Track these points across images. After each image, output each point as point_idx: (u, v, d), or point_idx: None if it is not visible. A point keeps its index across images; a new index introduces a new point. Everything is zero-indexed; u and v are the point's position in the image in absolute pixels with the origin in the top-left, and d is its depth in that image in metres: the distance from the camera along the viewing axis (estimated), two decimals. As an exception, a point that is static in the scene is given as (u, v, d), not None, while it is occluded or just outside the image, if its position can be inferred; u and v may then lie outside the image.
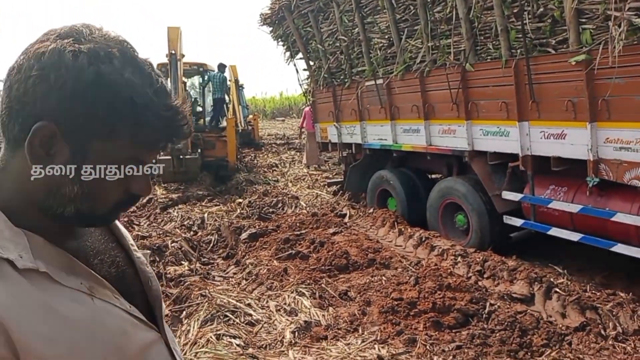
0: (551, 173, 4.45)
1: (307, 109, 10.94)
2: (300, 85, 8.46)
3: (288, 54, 8.26)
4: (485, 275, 4.18)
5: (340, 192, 8.11)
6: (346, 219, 6.37)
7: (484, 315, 3.37)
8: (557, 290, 3.65)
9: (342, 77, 7.23)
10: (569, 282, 3.82)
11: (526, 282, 3.78)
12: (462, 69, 5.03)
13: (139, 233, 6.13)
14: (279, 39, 8.21)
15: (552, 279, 3.80)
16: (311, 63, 7.92)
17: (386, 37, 6.13)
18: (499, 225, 5.03)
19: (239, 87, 18.23)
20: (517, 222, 4.84)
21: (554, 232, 4.42)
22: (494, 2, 4.54)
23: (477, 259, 4.40)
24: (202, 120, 11.80)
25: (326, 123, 7.93)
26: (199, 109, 12.25)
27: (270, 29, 8.28)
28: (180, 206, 7.76)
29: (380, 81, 6.34)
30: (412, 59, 5.79)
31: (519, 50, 4.47)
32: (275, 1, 7.74)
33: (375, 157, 7.09)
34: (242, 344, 3.23)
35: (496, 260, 4.28)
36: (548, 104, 4.29)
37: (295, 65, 8.28)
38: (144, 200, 8.39)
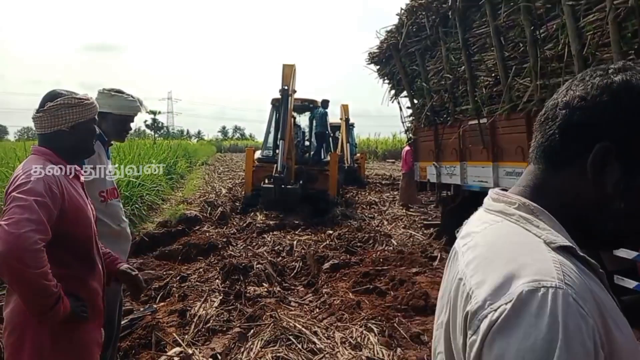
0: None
1: (406, 148, 10.77)
2: (402, 123, 8.40)
3: (393, 92, 8.29)
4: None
5: (436, 234, 7.76)
6: (436, 262, 6.04)
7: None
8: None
9: (445, 115, 7.05)
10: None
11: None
12: (574, 109, 4.61)
13: (232, 252, 6.41)
14: (385, 77, 8.29)
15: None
16: (415, 101, 7.85)
17: (492, 75, 5.88)
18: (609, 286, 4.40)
19: (349, 126, 18.64)
20: (631, 284, 4.20)
21: (676, 299, 3.76)
22: (611, 38, 4.14)
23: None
24: (307, 154, 12.20)
25: (426, 162, 7.73)
26: (307, 143, 12.71)
27: (377, 67, 8.42)
28: (275, 232, 8.00)
29: (483, 120, 6.06)
30: (519, 97, 5.47)
31: (639, 90, 4.00)
32: (384, 40, 7.88)
33: (475, 199, 6.70)
34: (299, 369, 3.16)
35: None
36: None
37: (399, 103, 8.27)
38: (244, 224, 8.82)
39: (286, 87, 9.75)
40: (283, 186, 9.38)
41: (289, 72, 9.92)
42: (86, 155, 2.12)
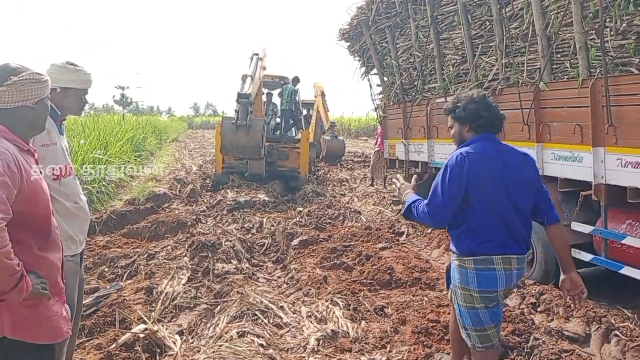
0: (628, 206, 4.00)
1: (380, 128, 10.89)
2: (372, 101, 8.43)
3: (363, 69, 8.29)
4: (539, 309, 3.82)
5: (405, 211, 7.89)
6: (403, 237, 6.17)
7: (526, 350, 3.07)
8: (618, 333, 3.23)
9: (413, 93, 7.10)
10: (635, 327, 3.37)
11: (582, 321, 3.39)
12: (536, 88, 4.71)
13: (201, 230, 6.39)
14: (355, 54, 8.27)
15: (613, 321, 3.38)
16: (385, 79, 7.87)
17: (460, 53, 5.94)
18: (566, 259, 4.59)
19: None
20: (586, 257, 4.39)
21: (627, 271, 3.93)
22: (574, 17, 4.22)
23: (533, 291, 4.04)
24: (278, 131, 12.14)
25: (395, 140, 7.81)
26: (278, 120, 12.63)
27: (348, 44, 8.38)
28: (245, 210, 7.99)
29: (450, 98, 6.13)
30: (485, 76, 5.55)
31: (598, 70, 4.11)
32: (354, 17, 7.82)
33: (442, 177, 6.82)
34: (264, 344, 3.21)
35: (554, 295, 3.90)
36: (627, 128, 3.87)
37: (369, 80, 8.29)
38: (214, 202, 8.77)
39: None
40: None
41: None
42: (39, 131, 2.07)
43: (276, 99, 13.06)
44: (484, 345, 2.38)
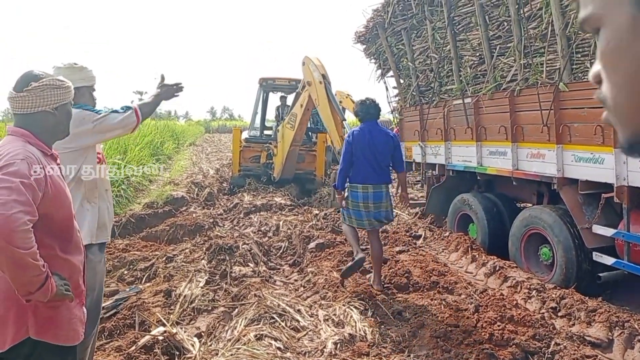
0: (652, 208, 3.91)
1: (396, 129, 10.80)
2: (389, 103, 8.39)
3: (379, 72, 8.26)
4: (559, 314, 3.75)
5: (422, 214, 7.84)
6: (420, 241, 6.12)
7: (547, 355, 3.01)
8: (642, 339, 3.16)
9: (430, 95, 7.05)
10: (659, 334, 3.29)
11: (605, 326, 3.32)
12: (555, 88, 4.64)
13: (218, 233, 6.43)
14: (371, 57, 8.25)
15: (637, 326, 3.30)
16: (401, 81, 7.83)
17: (477, 54, 5.88)
18: (587, 263, 4.50)
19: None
20: (609, 260, 4.29)
21: (651, 275, 3.86)
22: (594, 16, 4.15)
23: (554, 295, 3.97)
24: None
25: (411, 142, 7.75)
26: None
27: (364, 46, 8.36)
28: (262, 213, 8.02)
29: (468, 100, 6.08)
30: (503, 77, 5.48)
31: (619, 69, 4.03)
32: (370, 19, 7.81)
33: (460, 179, 6.77)
34: (282, 347, 3.21)
35: (575, 299, 3.83)
36: (650, 129, 3.79)
37: (385, 83, 8.25)
38: (231, 205, 8.83)
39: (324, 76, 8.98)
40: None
41: (319, 63, 9.21)
42: (62, 136, 2.12)
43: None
44: (350, 224, 4.58)
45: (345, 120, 8.06)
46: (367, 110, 4.58)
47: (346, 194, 4.52)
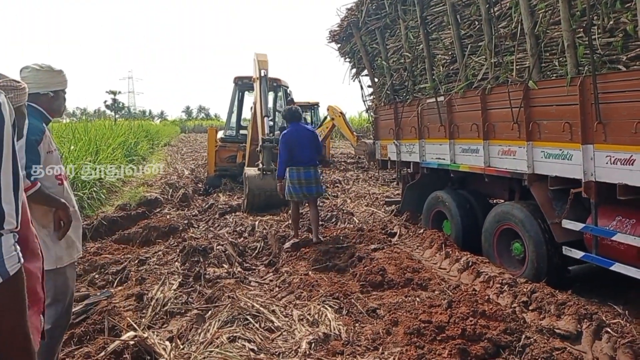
0: (618, 202, 4.01)
1: None
2: (364, 102, 8.42)
3: (354, 70, 8.27)
4: (530, 307, 3.81)
5: (397, 211, 7.88)
6: (395, 238, 6.15)
7: (517, 349, 3.05)
8: (609, 330, 3.23)
9: (404, 94, 7.10)
10: (626, 324, 3.37)
11: (574, 318, 3.39)
12: (525, 86, 4.72)
13: (192, 234, 6.35)
14: (346, 56, 8.26)
15: (604, 318, 3.38)
16: (376, 80, 7.86)
17: (450, 53, 5.94)
18: (558, 257, 4.59)
19: (313, 106, 18.52)
20: (577, 254, 4.39)
21: (618, 267, 3.94)
22: (562, 16, 4.23)
23: (525, 290, 4.03)
24: (272, 133, 12.10)
25: (386, 141, 7.79)
26: (271, 123, 12.58)
27: (338, 45, 8.36)
28: (237, 213, 7.95)
29: (441, 98, 6.14)
30: (475, 76, 5.55)
31: (586, 67, 4.12)
32: (344, 18, 7.81)
33: (434, 177, 6.83)
34: (256, 348, 3.18)
35: (545, 292, 3.90)
36: (616, 126, 3.88)
37: (360, 82, 8.27)
38: (206, 206, 8.73)
39: (265, 73, 9.75)
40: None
41: (264, 59, 10.04)
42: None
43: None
44: (291, 199, 6.02)
45: (268, 116, 9.50)
46: (293, 114, 6.22)
47: (287, 176, 6.00)
